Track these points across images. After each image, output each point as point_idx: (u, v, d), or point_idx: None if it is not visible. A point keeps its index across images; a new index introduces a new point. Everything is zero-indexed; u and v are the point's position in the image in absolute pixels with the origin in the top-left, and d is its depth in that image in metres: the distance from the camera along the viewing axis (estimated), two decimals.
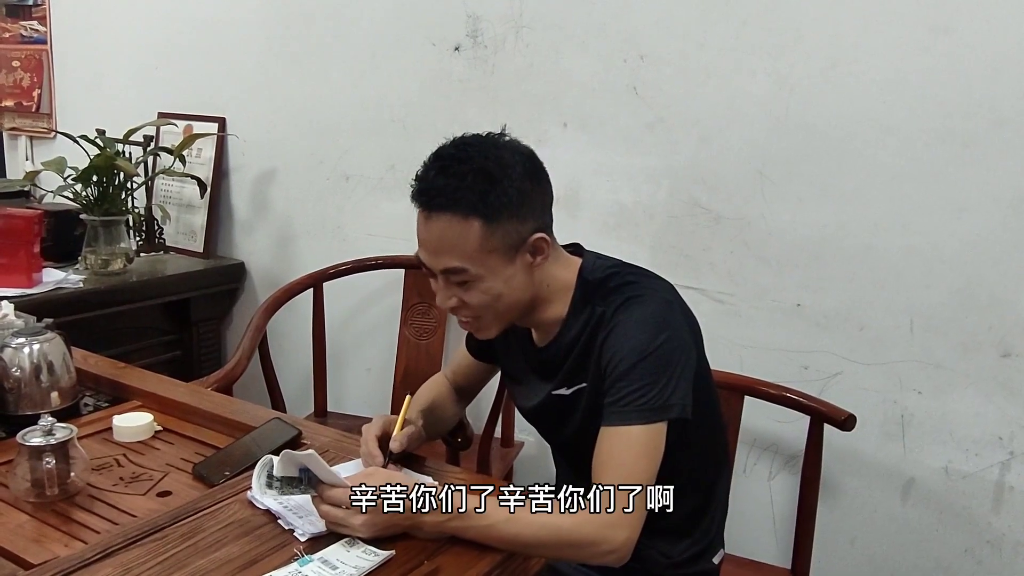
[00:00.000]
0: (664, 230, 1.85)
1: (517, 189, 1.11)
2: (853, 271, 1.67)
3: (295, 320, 2.30)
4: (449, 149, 1.14)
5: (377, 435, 1.23)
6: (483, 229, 1.10)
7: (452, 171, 1.10)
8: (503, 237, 1.12)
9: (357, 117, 2.27)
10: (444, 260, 1.13)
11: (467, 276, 1.13)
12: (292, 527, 1.08)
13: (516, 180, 1.11)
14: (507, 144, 1.15)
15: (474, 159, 1.11)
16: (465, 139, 1.15)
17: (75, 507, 1.17)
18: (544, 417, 1.31)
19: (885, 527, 1.73)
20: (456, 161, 1.11)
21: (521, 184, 1.12)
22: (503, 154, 1.12)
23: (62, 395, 1.45)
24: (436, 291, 1.18)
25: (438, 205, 1.11)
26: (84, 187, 2.21)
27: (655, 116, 1.83)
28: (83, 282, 2.21)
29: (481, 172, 1.10)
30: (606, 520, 1.05)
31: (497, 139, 1.16)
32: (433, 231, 1.12)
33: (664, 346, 1.12)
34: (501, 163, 1.11)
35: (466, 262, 1.12)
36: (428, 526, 1.05)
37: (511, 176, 1.11)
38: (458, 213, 1.09)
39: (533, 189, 1.14)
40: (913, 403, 1.66)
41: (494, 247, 1.11)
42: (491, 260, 1.12)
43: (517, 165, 1.12)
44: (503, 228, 1.11)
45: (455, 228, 1.10)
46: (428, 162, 1.14)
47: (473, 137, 1.15)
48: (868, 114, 1.61)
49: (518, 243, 1.14)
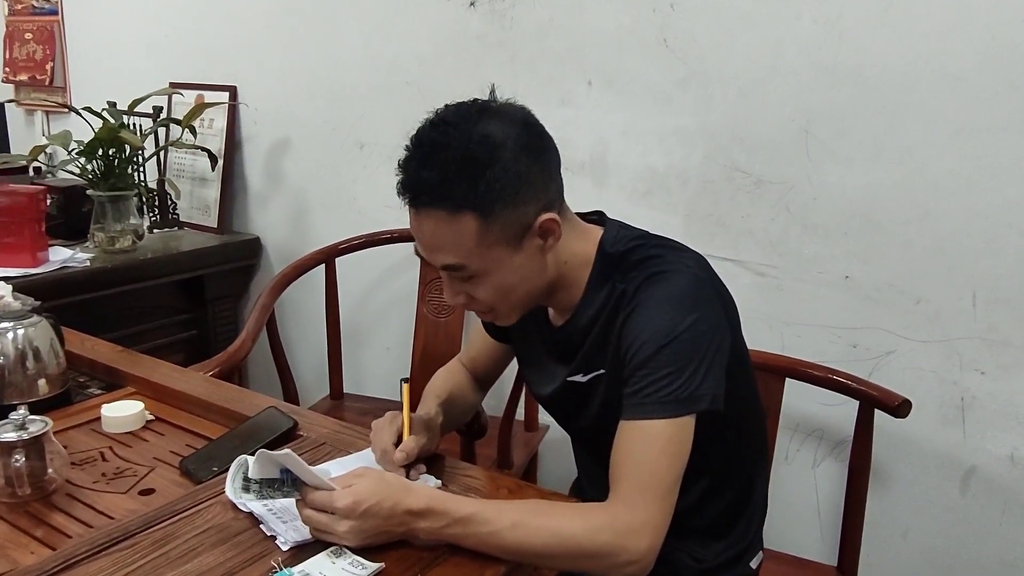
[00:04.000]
0: (699, 196, 1.70)
1: (512, 171, 0.96)
2: (909, 239, 1.50)
3: (308, 298, 2.20)
4: (429, 132, 0.98)
5: (394, 442, 1.10)
6: (478, 223, 0.96)
7: (434, 161, 0.96)
8: (503, 228, 0.98)
9: (370, 81, 2.14)
10: (441, 257, 1.00)
11: (470, 272, 1.00)
12: (274, 533, 0.97)
13: (509, 161, 0.96)
14: (495, 113, 0.99)
15: (456, 144, 0.95)
16: (445, 116, 0.99)
17: (50, 508, 1.08)
18: (559, 405, 1.19)
19: (941, 520, 1.57)
20: (437, 148, 0.96)
21: (515, 164, 0.97)
22: (490, 129, 0.97)
23: (50, 382, 1.36)
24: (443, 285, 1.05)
25: (425, 202, 0.97)
26: (89, 161, 2.12)
27: (688, 71, 1.66)
28: (91, 261, 2.13)
29: (466, 160, 0.95)
30: (625, 526, 0.93)
31: (482, 109, 1.00)
32: (425, 228, 0.99)
33: (692, 329, 0.98)
34: (488, 143, 0.96)
35: (466, 259, 0.99)
36: (423, 533, 0.94)
37: (502, 158, 0.96)
38: (448, 209, 0.96)
39: (532, 165, 0.99)
40: (975, 384, 1.49)
41: (495, 240, 0.98)
42: (494, 253, 0.99)
43: (508, 140, 0.97)
44: (501, 218, 0.97)
45: (447, 225, 0.97)
46: (408, 148, 0.99)
47: (454, 111, 0.99)
48: (929, 62, 1.43)
49: (522, 230, 1.00)
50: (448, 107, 1.00)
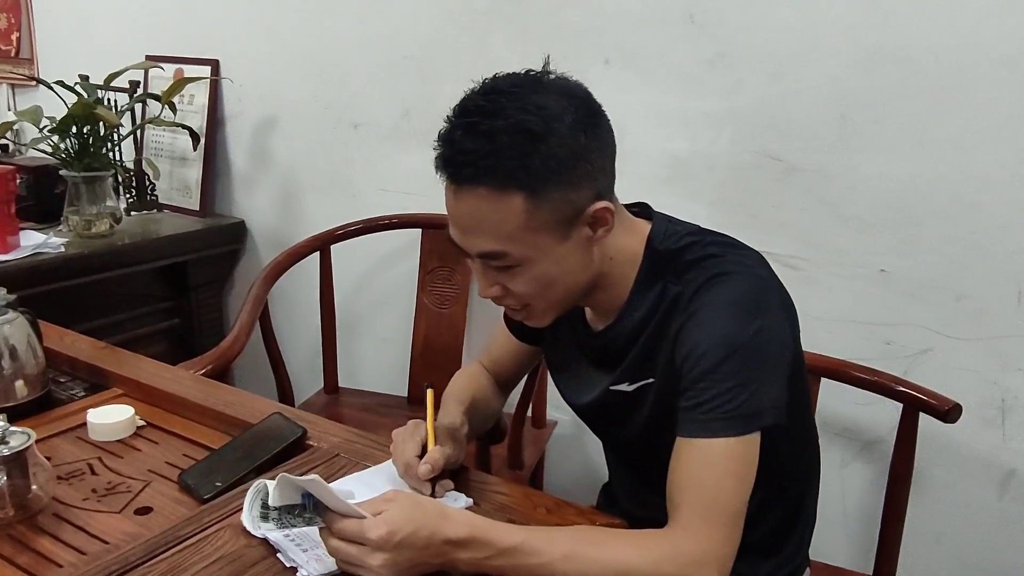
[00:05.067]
0: (726, 184, 1.60)
1: (568, 148, 0.86)
2: (951, 232, 1.42)
3: (301, 287, 2.07)
4: (477, 99, 0.88)
5: (417, 454, 0.99)
6: (526, 204, 0.86)
7: (482, 130, 0.85)
8: (553, 211, 0.88)
9: (366, 56, 2.01)
10: (480, 243, 0.90)
11: (510, 260, 0.90)
12: (294, 564, 0.87)
13: (566, 136, 0.86)
14: (552, 86, 0.90)
15: (509, 112, 0.85)
16: (497, 84, 0.89)
17: (35, 531, 0.97)
18: (599, 415, 1.09)
19: (978, 523, 1.51)
20: (487, 116, 0.86)
21: (573, 140, 0.87)
22: (547, 101, 0.87)
23: (29, 384, 1.24)
24: (475, 276, 0.94)
25: (468, 176, 0.87)
26: (62, 139, 1.97)
27: (716, 50, 1.56)
28: (65, 246, 1.98)
29: (519, 130, 0.85)
30: (689, 558, 0.84)
31: (538, 79, 0.90)
32: (464, 208, 0.89)
33: (757, 337, 0.89)
34: (545, 115, 0.86)
35: (507, 244, 0.89)
36: (463, 565, 0.84)
37: (559, 131, 0.86)
38: (493, 186, 0.86)
39: (589, 144, 0.89)
40: (1017, 385, 1.42)
41: (542, 224, 0.88)
42: (539, 240, 0.89)
43: (566, 114, 0.87)
44: (552, 200, 0.87)
45: (491, 204, 0.87)
46: (452, 118, 0.89)
47: (507, 80, 0.90)
48: (980, 44, 1.34)
49: (573, 215, 0.90)
50: (497, 76, 0.90)
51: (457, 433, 1.07)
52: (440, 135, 0.89)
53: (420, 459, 0.99)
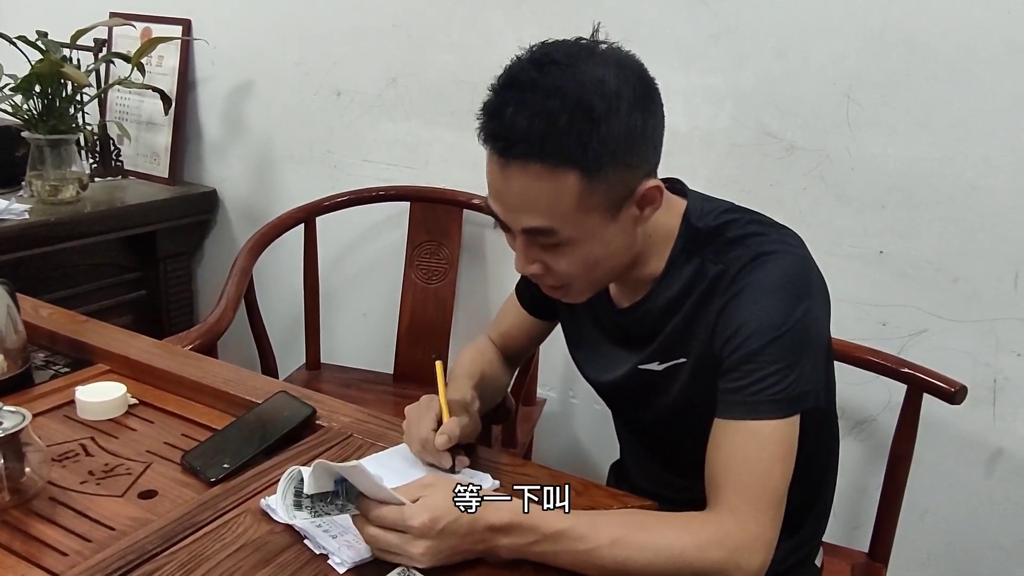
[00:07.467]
0: (724, 161, 1.59)
1: (628, 127, 0.82)
2: (951, 214, 1.44)
3: (281, 260, 2.00)
4: (528, 71, 0.82)
5: (434, 429, 0.96)
6: (581, 184, 0.82)
7: (538, 108, 0.80)
8: (607, 191, 0.84)
9: (351, 20, 1.93)
10: (527, 219, 0.86)
11: (557, 239, 0.86)
12: (325, 551, 0.83)
13: (625, 114, 0.82)
14: (607, 57, 0.85)
15: (568, 89, 0.80)
16: (549, 52, 0.83)
17: (32, 516, 0.90)
18: (623, 394, 1.07)
19: (964, 501, 1.54)
20: (542, 93, 0.81)
21: (630, 119, 0.83)
22: (605, 75, 0.82)
23: (10, 360, 1.17)
24: (513, 249, 0.91)
25: (520, 153, 0.82)
26: (26, 99, 1.86)
27: (720, 25, 1.54)
28: (28, 212, 1.88)
29: (580, 109, 0.80)
30: (738, 542, 0.83)
31: (592, 49, 0.85)
32: (513, 185, 0.84)
33: (804, 319, 0.88)
34: (605, 92, 0.81)
35: (557, 223, 0.85)
36: (505, 551, 0.82)
37: (618, 110, 0.81)
38: (548, 164, 0.82)
39: (646, 122, 0.85)
40: (1010, 366, 1.45)
41: (594, 204, 0.84)
42: (590, 220, 0.85)
43: (624, 90, 0.82)
44: (607, 180, 0.84)
45: (544, 183, 0.82)
46: (499, 88, 0.84)
47: (559, 49, 0.84)
48: (989, 27, 1.34)
49: (625, 195, 0.86)
50: (547, 44, 0.85)
51: (470, 408, 1.03)
52: (486, 106, 0.85)
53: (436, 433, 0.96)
